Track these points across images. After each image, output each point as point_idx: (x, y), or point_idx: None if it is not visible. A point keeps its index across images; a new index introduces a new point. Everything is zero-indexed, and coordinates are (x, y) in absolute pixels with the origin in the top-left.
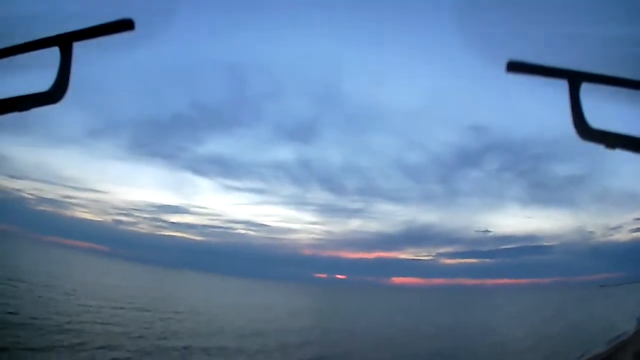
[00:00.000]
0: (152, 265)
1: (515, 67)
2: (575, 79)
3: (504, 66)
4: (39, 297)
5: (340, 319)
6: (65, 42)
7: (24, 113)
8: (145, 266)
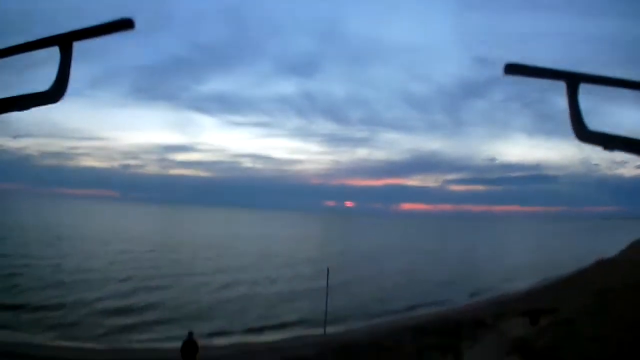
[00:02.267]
0: (165, 205)
1: (513, 69)
2: (573, 80)
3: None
4: (84, 250)
5: (357, 246)
6: (65, 42)
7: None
8: (159, 206)
